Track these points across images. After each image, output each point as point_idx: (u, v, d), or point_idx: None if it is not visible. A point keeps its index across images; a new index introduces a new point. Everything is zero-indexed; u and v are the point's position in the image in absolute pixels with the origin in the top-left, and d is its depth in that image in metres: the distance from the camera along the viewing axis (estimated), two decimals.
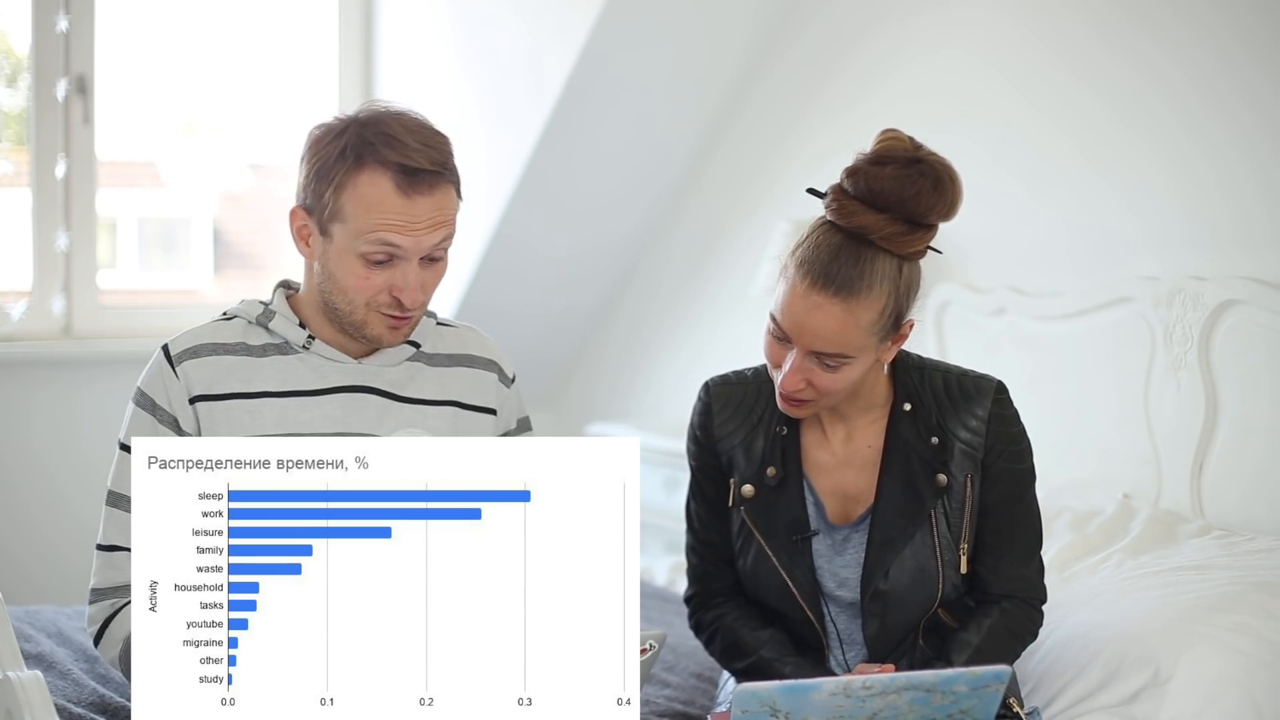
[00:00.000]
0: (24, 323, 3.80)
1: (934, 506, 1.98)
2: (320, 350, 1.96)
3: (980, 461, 2.00)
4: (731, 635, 2.07)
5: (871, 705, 1.69)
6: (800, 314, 1.88)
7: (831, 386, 1.92)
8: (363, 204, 1.85)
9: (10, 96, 3.94)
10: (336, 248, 1.88)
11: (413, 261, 1.89)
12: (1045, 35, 3.17)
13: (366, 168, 1.85)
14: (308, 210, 1.91)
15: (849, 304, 1.86)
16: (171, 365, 1.93)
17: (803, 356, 1.90)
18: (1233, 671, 2.05)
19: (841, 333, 1.87)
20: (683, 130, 4.05)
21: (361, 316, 1.91)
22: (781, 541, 2.01)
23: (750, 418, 2.05)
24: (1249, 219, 2.77)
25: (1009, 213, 3.20)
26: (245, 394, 1.93)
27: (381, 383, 1.98)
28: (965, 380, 2.02)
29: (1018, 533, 2.03)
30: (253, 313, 1.98)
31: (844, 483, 2.03)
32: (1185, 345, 2.74)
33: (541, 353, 4.41)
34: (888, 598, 1.98)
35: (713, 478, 2.08)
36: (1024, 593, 2.04)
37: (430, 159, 1.88)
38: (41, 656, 2.28)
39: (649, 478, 3.70)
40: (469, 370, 2.05)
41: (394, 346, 1.98)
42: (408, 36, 4.25)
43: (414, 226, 1.87)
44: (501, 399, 2.07)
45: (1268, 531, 2.57)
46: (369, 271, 1.88)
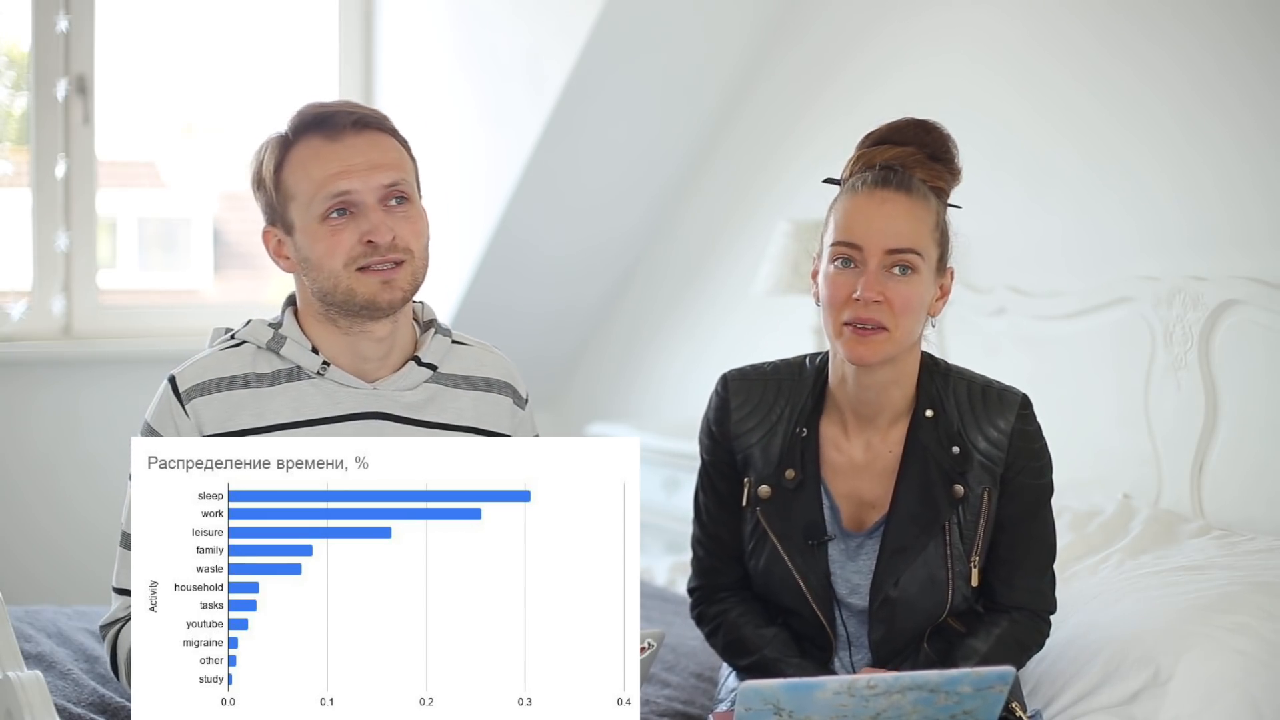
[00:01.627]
0: (24, 323, 3.80)
1: (949, 517, 1.98)
2: (334, 376, 1.93)
3: (999, 476, 1.99)
4: (735, 632, 2.06)
5: (875, 705, 1.69)
6: (869, 212, 1.92)
7: (906, 301, 1.90)
8: (301, 170, 1.88)
9: (10, 96, 3.94)
10: (300, 231, 1.89)
11: (371, 204, 1.87)
12: (1045, 37, 3.17)
13: (297, 142, 1.90)
14: (271, 224, 1.93)
15: (911, 199, 1.93)
16: (180, 402, 1.89)
17: (877, 264, 1.91)
18: (1232, 672, 2.05)
19: (911, 223, 1.91)
20: (683, 130, 4.05)
21: (347, 283, 1.87)
22: (797, 545, 2.00)
23: (770, 416, 2.03)
24: (1248, 219, 2.77)
25: (1009, 213, 3.20)
26: (258, 429, 1.89)
27: (397, 407, 1.94)
28: (990, 391, 2.02)
29: (1033, 546, 2.03)
30: (262, 337, 1.94)
31: (860, 488, 2.02)
32: (1185, 345, 2.74)
33: (541, 352, 4.41)
34: (896, 605, 1.98)
35: (725, 474, 2.07)
36: (1035, 605, 2.04)
37: (351, 114, 1.90)
38: (41, 656, 2.28)
39: (649, 478, 3.70)
40: (484, 394, 2.01)
41: (392, 311, 1.90)
42: (407, 36, 4.25)
43: (353, 168, 1.87)
44: (515, 423, 2.04)
45: (1267, 531, 2.57)
46: (334, 232, 1.86)
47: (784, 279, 3.43)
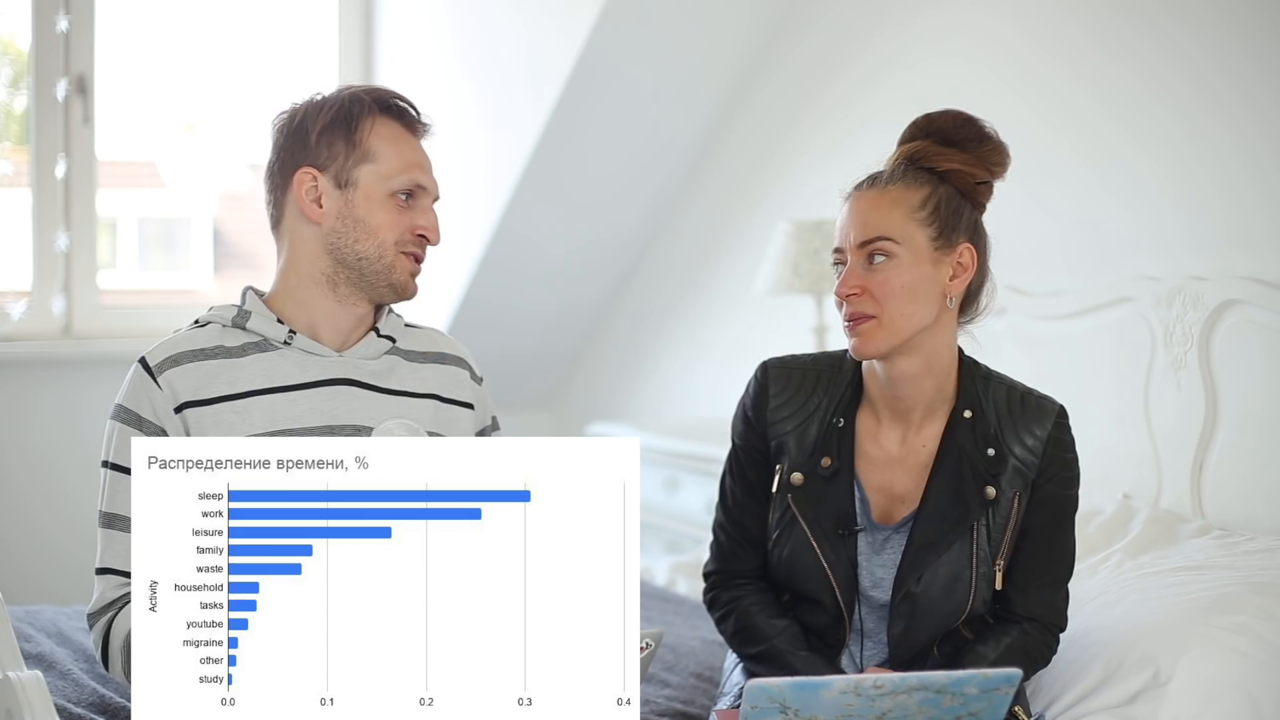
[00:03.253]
0: (24, 323, 3.80)
1: (978, 518, 1.98)
2: (301, 344, 1.97)
3: (1031, 482, 2.00)
4: (746, 619, 2.06)
5: (881, 705, 1.69)
6: (847, 217, 1.99)
7: (884, 286, 1.93)
8: (391, 143, 1.96)
9: (11, 96, 3.94)
10: (364, 193, 1.95)
11: (429, 204, 2.00)
12: (1045, 38, 3.18)
13: (384, 112, 1.97)
14: (319, 169, 1.95)
15: (884, 191, 1.97)
16: (152, 376, 1.92)
17: (854, 260, 1.96)
18: (1232, 672, 2.05)
19: (879, 213, 1.95)
20: (683, 130, 4.05)
21: (390, 260, 1.96)
22: (827, 533, 2.00)
23: (807, 405, 2.04)
24: (1248, 219, 2.77)
25: (1009, 213, 3.18)
26: (231, 395, 1.92)
27: (362, 375, 1.99)
28: (1029, 398, 2.03)
29: (1054, 559, 2.03)
30: (226, 316, 2.00)
31: (892, 482, 2.02)
32: (1185, 345, 2.74)
33: (542, 352, 4.41)
34: (918, 601, 1.98)
35: (756, 461, 2.07)
36: (1047, 618, 2.03)
37: (418, 116, 2.02)
38: (41, 656, 2.28)
39: (649, 478, 3.70)
40: (443, 366, 2.07)
41: (407, 299, 2.00)
42: (408, 36, 4.25)
43: (426, 169, 2.00)
44: (477, 395, 2.10)
45: (1267, 531, 2.57)
46: (400, 211, 1.96)
47: (784, 279, 3.43)
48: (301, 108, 1.99)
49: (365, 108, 1.96)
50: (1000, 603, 2.03)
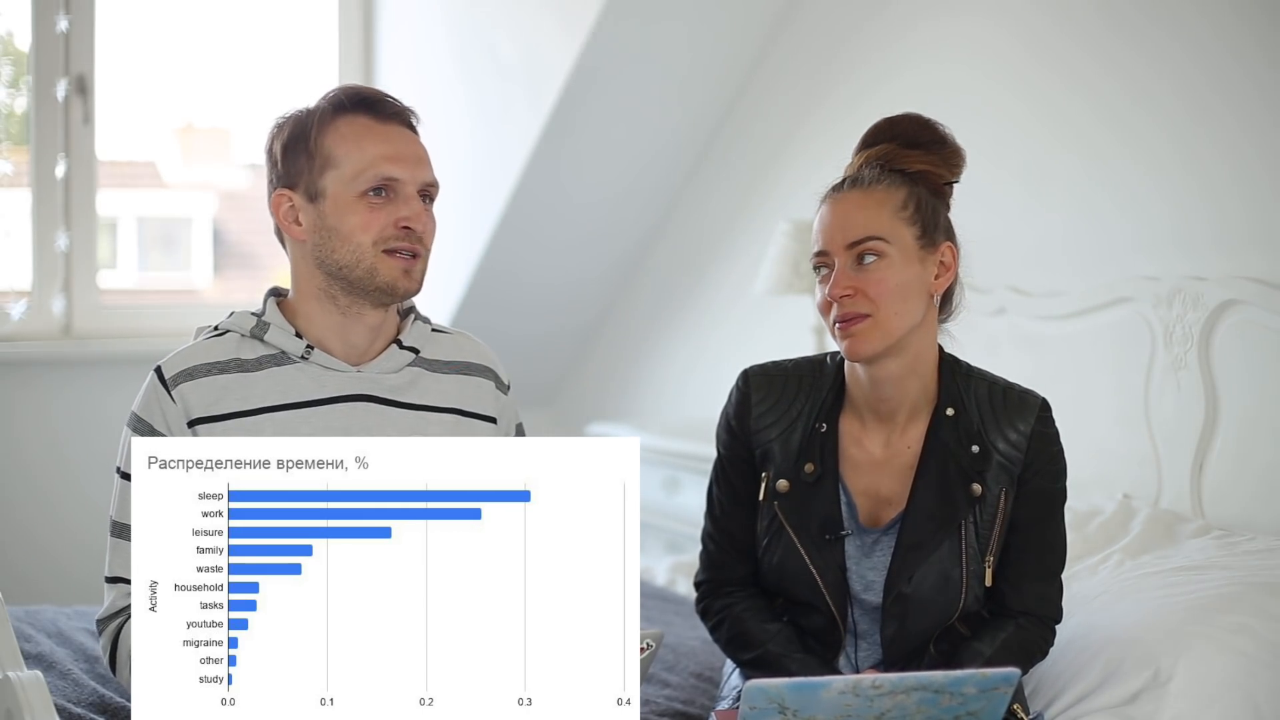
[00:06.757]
0: (24, 323, 3.80)
1: (966, 516, 1.98)
2: (319, 359, 1.94)
3: (1017, 477, 2.00)
4: (739, 626, 2.06)
5: (880, 705, 1.69)
6: (828, 220, 1.97)
7: (879, 285, 1.92)
8: (350, 140, 1.90)
9: (11, 96, 3.94)
10: (333, 200, 1.90)
11: (411, 194, 1.92)
12: (1044, 38, 3.17)
13: (342, 114, 1.92)
14: (290, 188, 1.93)
15: (866, 192, 1.97)
16: (167, 389, 1.90)
17: (843, 261, 1.94)
18: (1233, 672, 2.05)
19: (866, 213, 1.94)
20: (683, 130, 4.05)
21: (371, 262, 1.90)
22: (813, 539, 2.00)
23: (790, 411, 2.04)
24: (1248, 219, 2.77)
25: (1009, 213, 3.20)
26: (244, 412, 1.90)
27: (381, 390, 1.96)
28: (1010, 393, 2.03)
29: (1044, 552, 2.03)
30: (245, 326, 1.96)
31: (878, 484, 2.02)
32: (1185, 345, 2.74)
33: (542, 351, 4.41)
34: (909, 601, 1.98)
35: (741, 470, 2.07)
36: (1042, 611, 2.04)
37: (394, 105, 1.95)
38: (41, 656, 2.28)
39: (649, 478, 3.70)
40: (467, 378, 2.03)
41: (406, 298, 1.96)
42: (407, 37, 4.25)
43: (403, 157, 1.91)
44: (500, 406, 2.06)
45: (1268, 531, 2.57)
46: (371, 209, 1.90)
47: (784, 279, 3.43)
48: (281, 120, 1.96)
49: (320, 115, 1.92)
50: (994, 598, 2.03)
